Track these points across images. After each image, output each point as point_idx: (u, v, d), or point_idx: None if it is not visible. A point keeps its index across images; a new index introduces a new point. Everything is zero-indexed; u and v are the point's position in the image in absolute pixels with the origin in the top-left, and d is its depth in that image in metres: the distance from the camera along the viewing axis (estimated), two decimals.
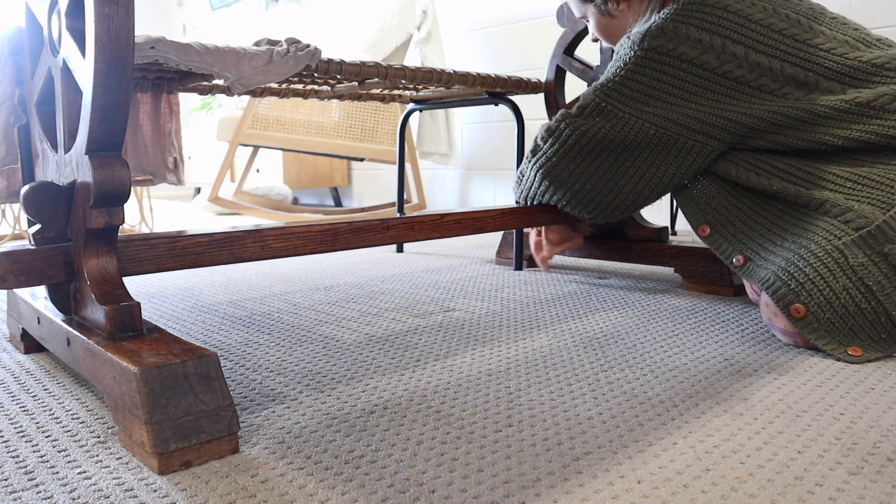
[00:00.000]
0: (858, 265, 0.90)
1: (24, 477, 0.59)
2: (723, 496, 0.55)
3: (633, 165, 1.12)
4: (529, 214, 1.31)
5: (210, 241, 0.91)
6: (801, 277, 0.93)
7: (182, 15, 5.07)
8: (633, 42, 1.10)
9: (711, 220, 1.09)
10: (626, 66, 1.10)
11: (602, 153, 1.13)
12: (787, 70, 1.03)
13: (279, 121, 2.79)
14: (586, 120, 1.12)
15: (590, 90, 1.14)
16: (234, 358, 0.95)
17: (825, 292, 0.91)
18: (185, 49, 0.92)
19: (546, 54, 2.67)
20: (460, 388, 0.81)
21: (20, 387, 0.83)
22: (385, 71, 1.25)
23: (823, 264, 0.92)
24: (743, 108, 1.04)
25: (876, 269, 0.89)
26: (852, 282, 0.90)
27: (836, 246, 0.92)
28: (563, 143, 1.15)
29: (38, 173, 0.92)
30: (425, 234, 1.15)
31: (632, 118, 1.09)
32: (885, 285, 0.89)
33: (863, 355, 0.90)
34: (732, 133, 1.06)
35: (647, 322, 1.11)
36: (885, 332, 0.90)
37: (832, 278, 0.91)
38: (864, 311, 0.89)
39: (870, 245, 0.90)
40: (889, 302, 0.89)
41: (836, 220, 0.94)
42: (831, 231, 0.94)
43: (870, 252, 0.90)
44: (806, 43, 1.03)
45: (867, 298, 0.89)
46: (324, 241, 1.02)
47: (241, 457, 0.63)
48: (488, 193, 3.02)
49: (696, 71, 1.05)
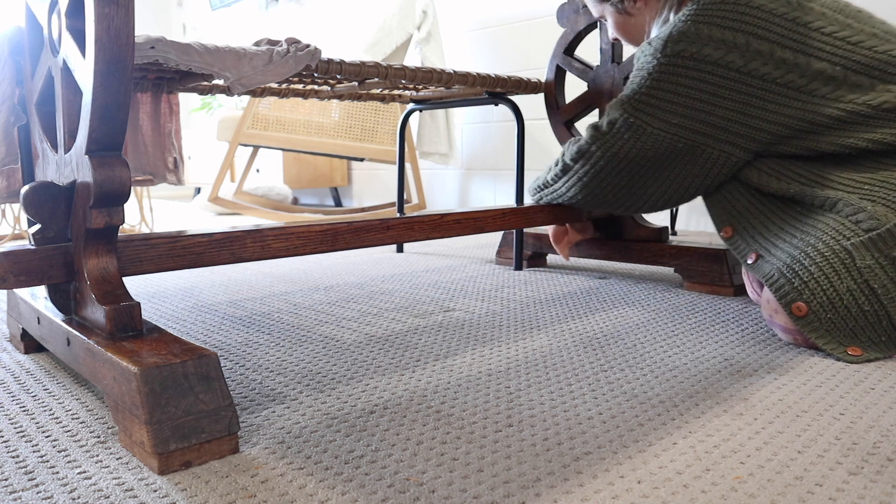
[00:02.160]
0: (865, 267, 0.89)
1: (24, 477, 0.59)
2: (723, 496, 0.55)
3: (661, 175, 1.14)
4: (529, 214, 1.31)
5: (210, 241, 0.91)
6: (806, 276, 0.92)
7: (182, 15, 5.07)
8: (654, 49, 1.09)
9: (734, 222, 1.09)
10: (651, 75, 1.09)
11: (633, 167, 1.14)
12: (815, 65, 1.00)
13: (279, 121, 2.79)
14: (616, 140, 1.13)
15: (616, 103, 1.14)
16: (234, 358, 0.95)
17: (829, 292, 0.90)
18: (185, 49, 0.92)
19: (546, 54, 2.67)
20: (460, 388, 0.81)
21: (20, 387, 0.83)
22: (385, 71, 1.25)
23: (829, 264, 0.91)
24: (769, 115, 1.03)
25: (882, 273, 0.88)
26: (857, 284, 0.89)
27: (844, 246, 0.91)
28: (594, 165, 1.17)
29: (38, 173, 0.92)
30: (425, 234, 1.15)
31: (661, 132, 1.09)
32: (891, 289, 0.88)
33: (862, 355, 0.90)
34: (758, 141, 1.05)
35: (647, 322, 1.11)
36: (885, 336, 0.89)
37: (837, 279, 0.90)
38: (866, 314, 0.89)
39: (878, 248, 0.89)
40: (892, 306, 0.88)
41: (846, 220, 0.93)
42: (840, 231, 0.93)
43: (878, 255, 0.89)
44: (833, 36, 1.01)
45: (870, 301, 0.89)
46: (324, 241, 1.02)
47: (241, 457, 0.63)
48: (488, 193, 3.02)
49: (722, 72, 1.04)
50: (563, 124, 1.62)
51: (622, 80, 1.50)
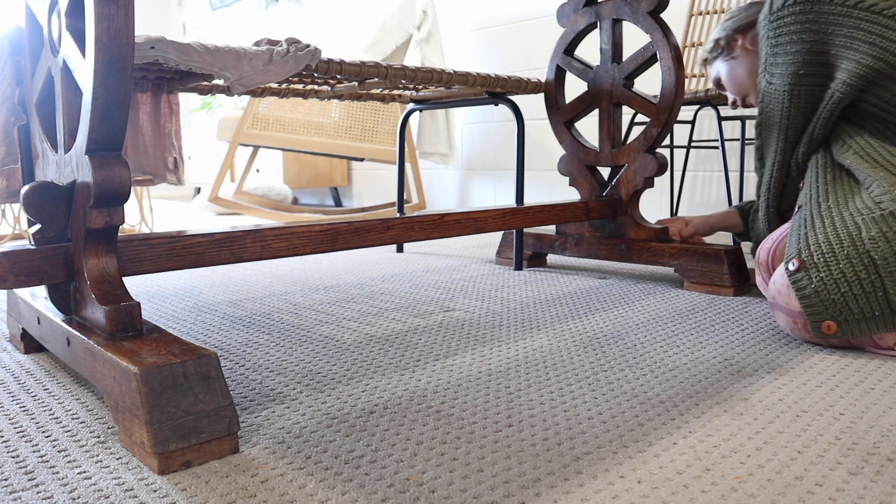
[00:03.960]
0: (869, 238, 0.89)
1: (24, 477, 0.59)
2: (723, 496, 0.55)
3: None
4: (529, 214, 1.32)
5: (210, 241, 0.91)
6: (812, 240, 0.94)
7: (182, 15, 5.07)
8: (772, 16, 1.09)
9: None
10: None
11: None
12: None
13: (279, 121, 2.79)
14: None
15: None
16: (234, 358, 0.95)
17: (827, 255, 0.91)
18: (185, 49, 0.92)
19: (546, 54, 2.67)
20: (460, 388, 0.81)
21: (20, 387, 0.83)
22: (385, 71, 1.25)
23: (836, 233, 0.92)
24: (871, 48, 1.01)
25: (886, 245, 0.88)
26: (858, 252, 0.89)
27: (856, 221, 0.92)
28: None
29: (38, 173, 0.92)
30: (425, 234, 1.15)
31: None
32: (891, 261, 0.87)
33: (836, 333, 0.90)
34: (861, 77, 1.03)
35: (647, 322, 1.11)
36: (879, 310, 0.88)
37: (839, 245, 0.91)
38: (861, 282, 0.89)
39: (888, 223, 0.89)
40: (889, 279, 0.87)
41: (871, 200, 0.94)
42: (860, 209, 0.93)
43: (886, 229, 0.89)
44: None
45: (868, 270, 0.88)
46: (324, 241, 1.02)
47: (241, 457, 0.63)
48: (488, 193, 3.02)
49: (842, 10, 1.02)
50: (563, 124, 1.62)
51: (622, 79, 1.50)
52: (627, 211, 1.52)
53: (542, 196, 2.83)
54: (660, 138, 1.44)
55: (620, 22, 1.51)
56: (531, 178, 2.85)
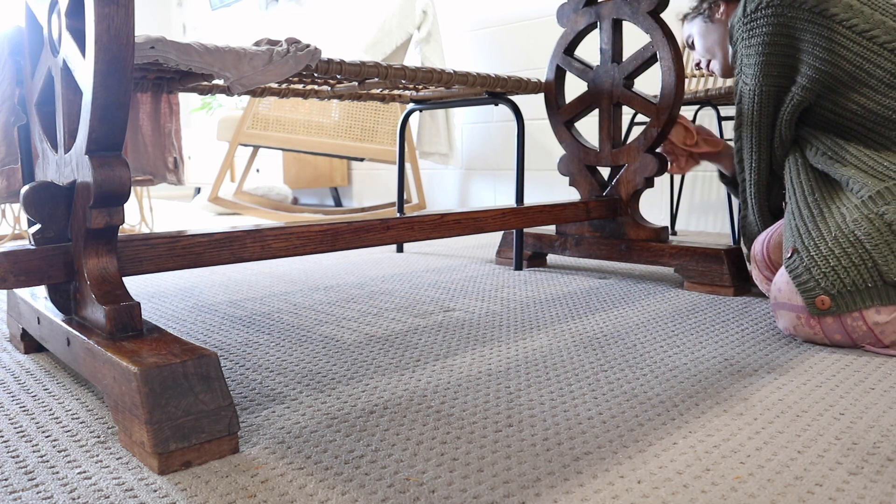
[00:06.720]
0: (853, 220, 0.95)
1: (24, 477, 0.59)
2: (723, 496, 0.55)
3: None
4: (529, 214, 1.32)
5: (210, 241, 0.91)
6: (802, 229, 0.99)
7: (182, 15, 5.07)
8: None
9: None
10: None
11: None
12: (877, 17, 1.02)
13: (279, 121, 2.79)
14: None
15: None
16: (234, 358, 0.95)
17: (816, 239, 0.97)
18: (185, 49, 0.92)
19: (546, 54, 2.67)
20: (460, 388, 0.81)
21: (20, 387, 0.83)
22: (385, 71, 1.25)
23: (824, 221, 0.98)
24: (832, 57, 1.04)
25: (868, 224, 0.93)
26: (843, 233, 0.94)
27: (842, 211, 0.97)
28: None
29: (38, 173, 0.92)
30: (425, 234, 1.15)
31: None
32: (875, 236, 0.92)
33: (830, 308, 0.92)
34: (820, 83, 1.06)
35: (647, 322, 1.11)
36: (871, 281, 0.92)
37: (826, 230, 0.96)
38: (849, 255, 0.93)
39: (868, 206, 0.95)
40: (877, 252, 0.91)
41: (852, 194, 0.99)
42: (843, 202, 0.98)
43: (867, 212, 0.94)
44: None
45: (854, 246, 0.93)
46: (324, 241, 1.02)
47: (241, 457, 0.63)
48: (488, 193, 3.02)
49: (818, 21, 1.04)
50: (563, 124, 1.62)
51: (622, 79, 1.50)
52: (627, 211, 1.52)
53: (542, 196, 2.83)
54: (660, 138, 1.44)
55: (620, 22, 1.51)
56: (531, 178, 2.85)
